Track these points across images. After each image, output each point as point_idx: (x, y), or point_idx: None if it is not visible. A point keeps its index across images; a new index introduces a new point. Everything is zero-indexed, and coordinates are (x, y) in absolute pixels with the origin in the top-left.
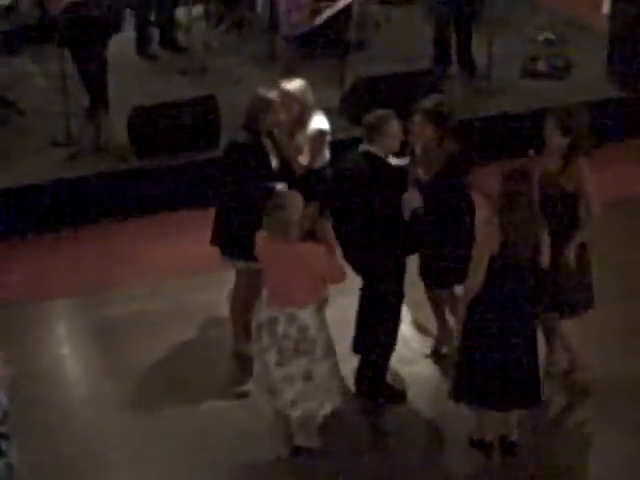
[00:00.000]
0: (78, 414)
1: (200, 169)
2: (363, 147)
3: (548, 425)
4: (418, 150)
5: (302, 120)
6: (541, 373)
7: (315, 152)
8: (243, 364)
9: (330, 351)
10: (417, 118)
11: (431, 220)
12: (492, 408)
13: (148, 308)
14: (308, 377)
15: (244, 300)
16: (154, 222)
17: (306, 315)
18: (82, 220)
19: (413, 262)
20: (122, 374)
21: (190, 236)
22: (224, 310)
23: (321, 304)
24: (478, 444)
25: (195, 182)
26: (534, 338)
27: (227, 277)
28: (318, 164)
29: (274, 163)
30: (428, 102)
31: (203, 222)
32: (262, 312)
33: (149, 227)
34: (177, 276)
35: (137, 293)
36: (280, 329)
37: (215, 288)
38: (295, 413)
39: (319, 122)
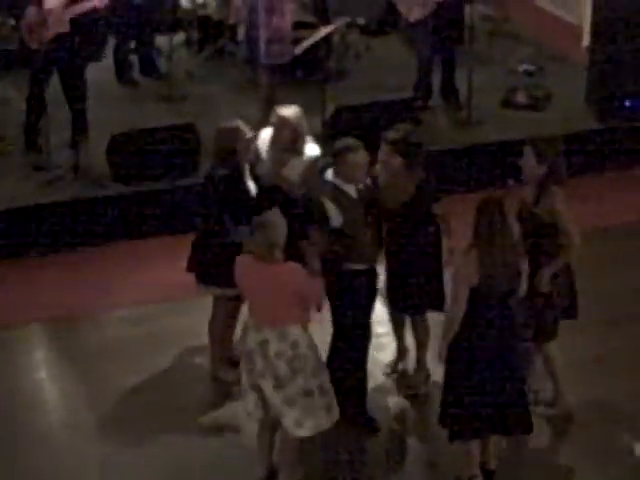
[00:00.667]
0: (56, 439)
1: (179, 196)
2: (328, 174)
3: (526, 453)
4: (382, 179)
5: (296, 146)
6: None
7: (307, 179)
8: (222, 389)
9: (322, 369)
10: (384, 148)
11: (398, 247)
12: (478, 437)
13: (126, 334)
14: (308, 393)
15: (222, 326)
16: (133, 248)
17: (296, 331)
18: (60, 245)
19: None
20: (100, 400)
21: (169, 262)
22: (202, 336)
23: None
24: None
25: (174, 209)
26: (519, 366)
27: (204, 303)
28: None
29: (253, 191)
30: (395, 132)
31: (182, 248)
32: (249, 338)
33: (128, 253)
34: (155, 302)
35: (114, 319)
36: (272, 349)
37: (192, 314)
38: (301, 433)
39: (313, 149)
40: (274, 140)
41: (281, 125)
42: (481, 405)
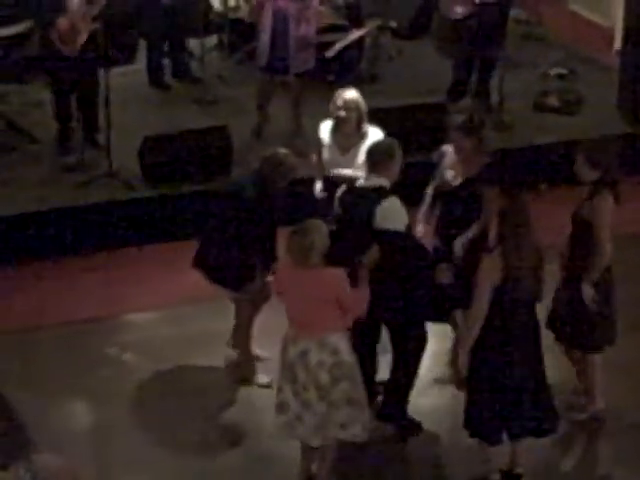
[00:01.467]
0: (82, 442)
1: (211, 198)
2: (371, 180)
3: (558, 458)
4: (449, 164)
5: (360, 129)
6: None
7: None
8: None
9: (359, 377)
10: (454, 135)
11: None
12: (502, 442)
13: (157, 336)
14: (350, 401)
15: (246, 329)
16: (164, 250)
17: (336, 339)
18: (91, 247)
19: None
20: (127, 401)
21: None
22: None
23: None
24: None
25: (206, 211)
26: (542, 370)
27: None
28: None
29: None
30: (459, 118)
31: None
32: (290, 350)
33: (159, 255)
34: (185, 304)
35: (146, 320)
36: (313, 358)
37: (223, 317)
38: (342, 435)
39: (377, 133)
40: (340, 124)
41: (348, 107)
42: (505, 409)
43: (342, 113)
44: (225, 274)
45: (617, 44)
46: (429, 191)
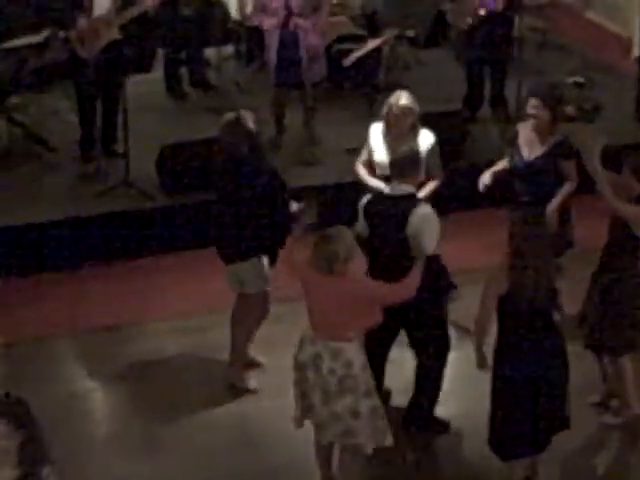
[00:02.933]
0: (103, 449)
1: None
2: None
3: (592, 462)
4: (525, 135)
5: (414, 131)
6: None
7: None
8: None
9: (372, 391)
10: (532, 102)
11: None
12: (528, 455)
13: (173, 345)
14: (355, 415)
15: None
16: (181, 259)
17: (352, 350)
18: (109, 256)
19: None
20: (144, 410)
21: (217, 274)
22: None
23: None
24: None
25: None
26: (562, 377)
27: None
28: None
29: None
30: (542, 86)
31: None
32: (305, 350)
33: (176, 264)
34: (202, 314)
35: (162, 330)
36: (325, 366)
37: None
38: (345, 442)
39: (428, 135)
40: (393, 127)
41: (404, 112)
42: (525, 424)
43: (398, 116)
44: (227, 250)
45: (635, 52)
46: (499, 166)
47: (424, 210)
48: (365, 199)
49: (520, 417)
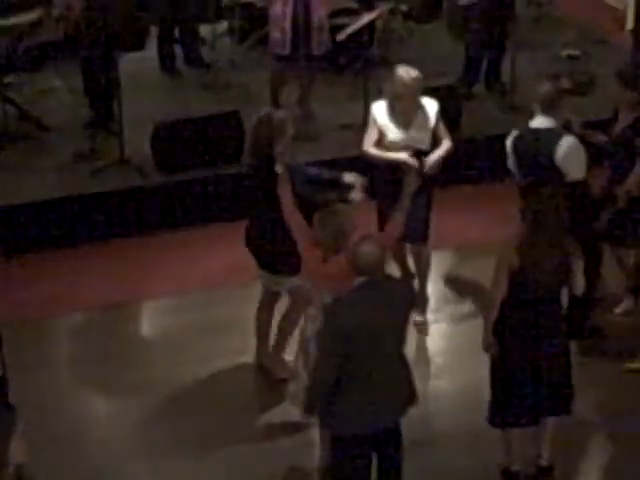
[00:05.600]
0: (102, 429)
1: (224, 184)
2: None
3: (581, 446)
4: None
5: (419, 102)
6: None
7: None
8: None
9: None
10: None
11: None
12: (526, 425)
13: (169, 323)
14: None
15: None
16: (177, 236)
17: None
18: (105, 235)
19: None
20: (146, 390)
21: (213, 251)
22: (245, 324)
23: None
24: (503, 473)
25: (218, 197)
26: (566, 354)
27: (247, 291)
28: None
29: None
30: (623, 66)
31: (227, 237)
32: (309, 327)
33: (172, 242)
34: (199, 291)
35: (158, 307)
36: None
37: (235, 302)
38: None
39: (431, 104)
40: (398, 103)
41: (412, 87)
42: (525, 394)
43: (411, 89)
44: (270, 259)
45: (629, 24)
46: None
47: (570, 140)
48: (513, 134)
49: (518, 386)
